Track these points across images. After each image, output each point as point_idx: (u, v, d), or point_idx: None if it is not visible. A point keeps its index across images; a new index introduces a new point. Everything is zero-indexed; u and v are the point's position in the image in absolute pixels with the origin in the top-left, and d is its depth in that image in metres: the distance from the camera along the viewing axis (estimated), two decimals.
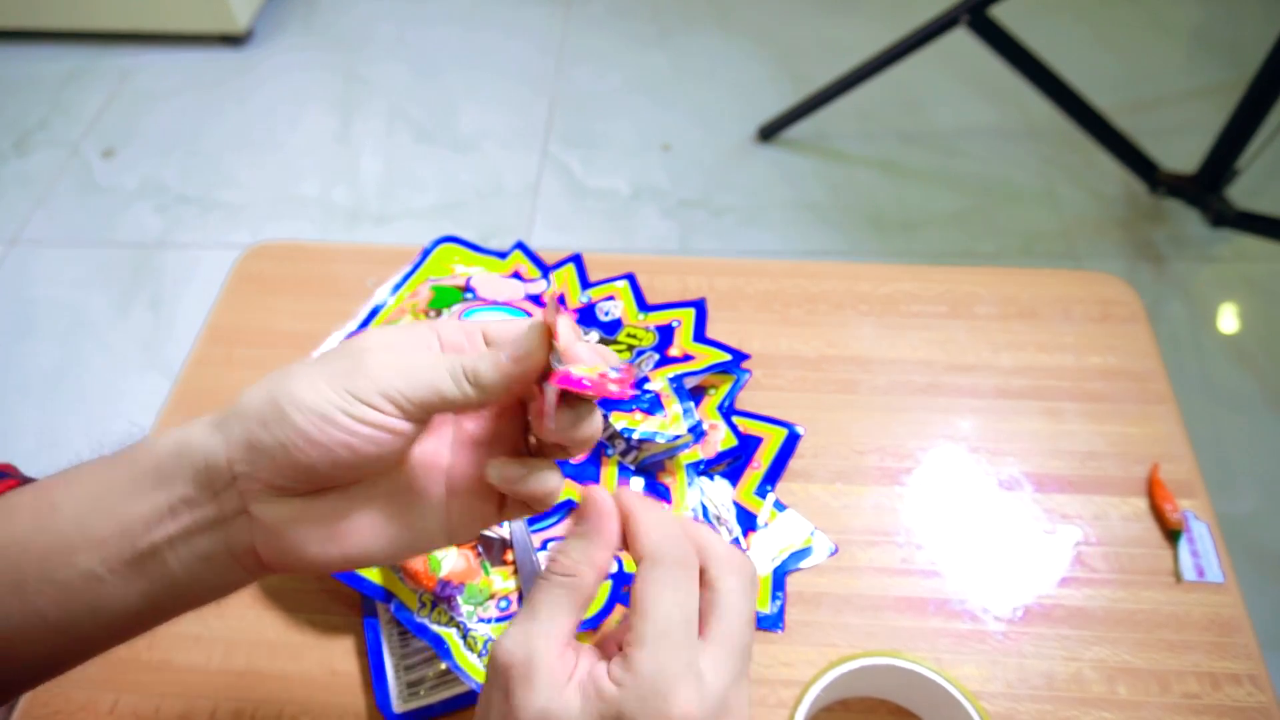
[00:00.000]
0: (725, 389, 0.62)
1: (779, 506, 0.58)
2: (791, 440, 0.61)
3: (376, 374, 0.30)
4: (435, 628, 0.50)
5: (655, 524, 0.30)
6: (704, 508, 0.56)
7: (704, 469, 0.58)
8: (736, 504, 0.57)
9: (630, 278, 0.69)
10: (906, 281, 0.70)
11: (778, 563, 0.55)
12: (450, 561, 0.51)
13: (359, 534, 0.32)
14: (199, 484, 0.31)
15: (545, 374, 0.31)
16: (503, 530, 0.53)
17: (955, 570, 0.56)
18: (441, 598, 0.50)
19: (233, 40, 2.02)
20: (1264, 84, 1.30)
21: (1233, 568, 0.55)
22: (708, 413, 0.60)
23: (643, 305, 0.67)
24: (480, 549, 0.53)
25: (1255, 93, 1.32)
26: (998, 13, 1.42)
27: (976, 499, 0.59)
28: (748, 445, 0.60)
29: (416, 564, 0.51)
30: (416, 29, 2.06)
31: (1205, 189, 1.44)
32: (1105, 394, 0.63)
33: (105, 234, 1.68)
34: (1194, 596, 0.54)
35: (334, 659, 0.53)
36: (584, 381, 0.30)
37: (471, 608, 0.50)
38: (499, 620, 0.51)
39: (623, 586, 0.53)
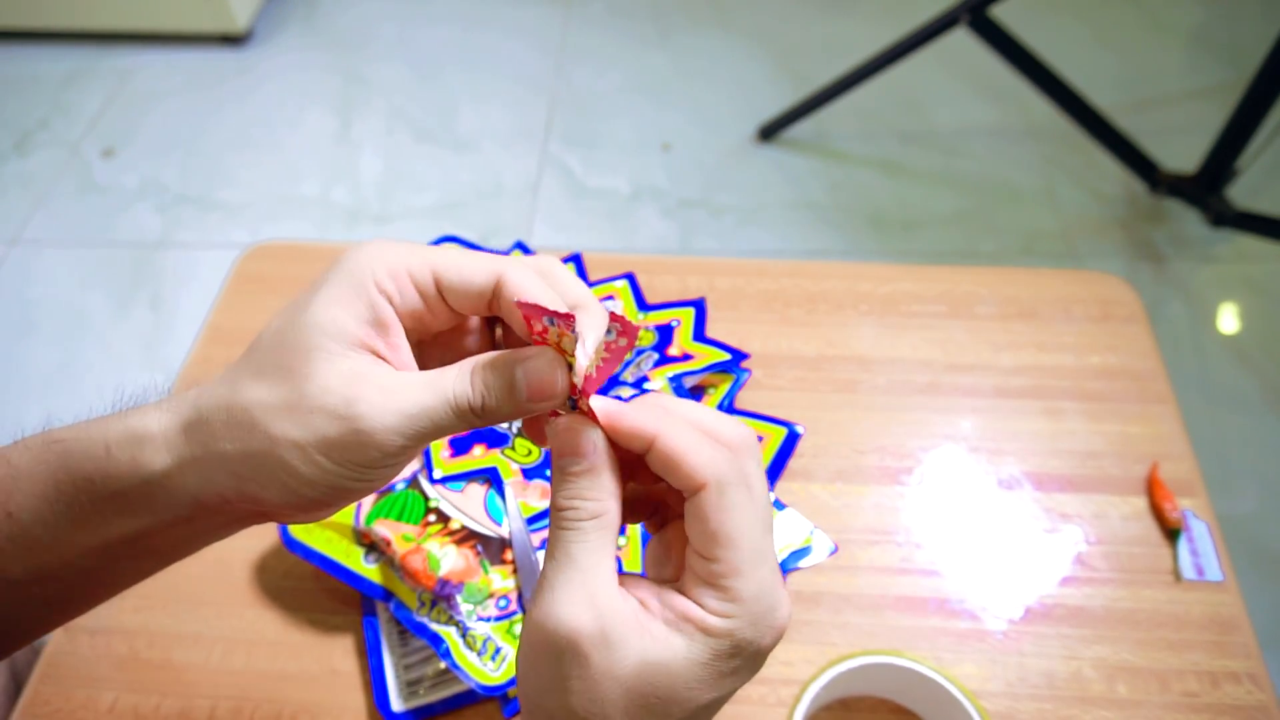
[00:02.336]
0: (725, 388, 0.62)
1: (779, 505, 0.58)
2: (791, 439, 0.61)
3: (378, 435, 0.27)
4: (435, 626, 0.50)
5: (697, 444, 0.27)
6: None
7: None
8: None
9: (630, 277, 0.69)
10: (906, 281, 0.70)
11: (777, 562, 0.55)
12: (449, 560, 0.51)
13: None
14: (163, 513, 0.30)
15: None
16: (502, 530, 0.53)
17: (955, 570, 0.56)
18: (441, 596, 0.50)
19: (233, 40, 2.02)
20: (1264, 84, 1.30)
21: (1232, 567, 0.55)
22: None
23: (643, 305, 0.67)
24: (480, 548, 0.53)
25: (1255, 93, 1.32)
26: (998, 13, 1.42)
27: (976, 499, 0.59)
28: None
29: (416, 563, 0.51)
30: (416, 29, 2.06)
31: (1205, 189, 1.44)
32: (1105, 394, 0.63)
33: (105, 234, 1.68)
34: (1193, 595, 0.54)
35: (334, 658, 0.53)
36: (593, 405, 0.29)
37: (471, 606, 0.50)
38: (498, 619, 0.51)
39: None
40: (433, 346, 0.33)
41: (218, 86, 1.95)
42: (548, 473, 0.56)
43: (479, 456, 0.56)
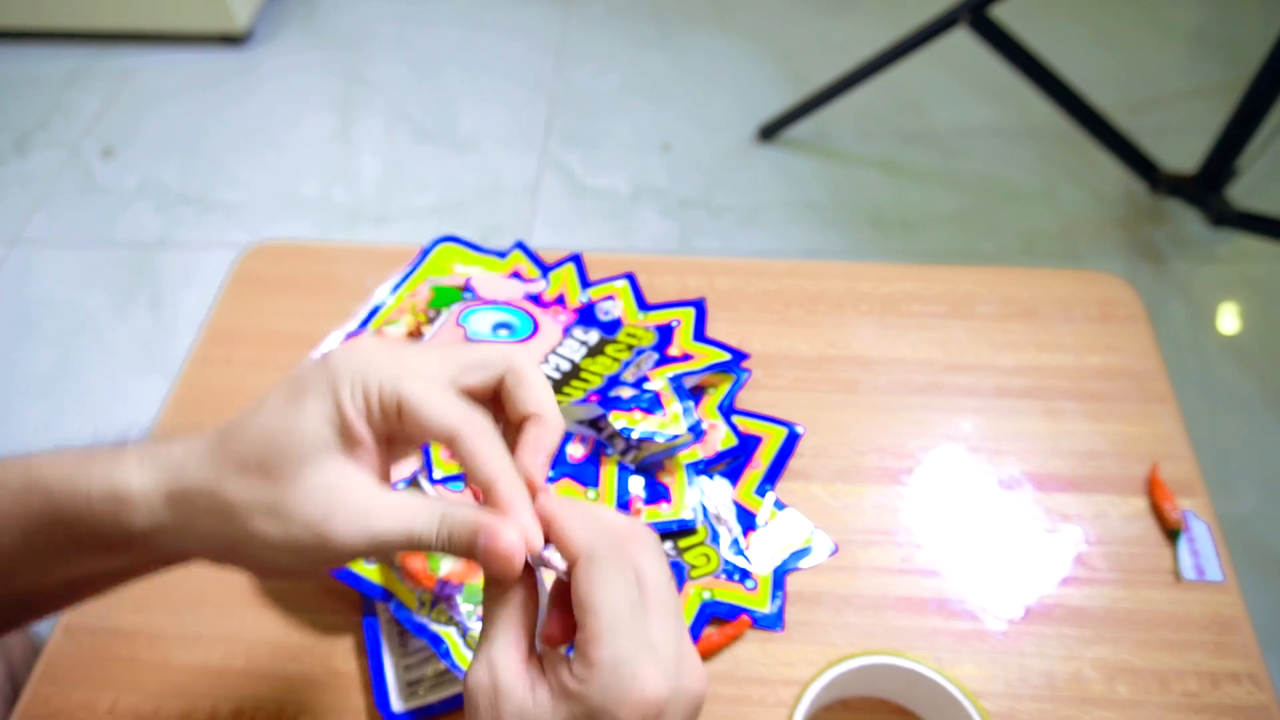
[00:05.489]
0: (725, 388, 0.62)
1: (779, 506, 0.58)
2: (791, 440, 0.61)
3: (344, 549, 0.31)
4: (434, 627, 0.50)
5: (580, 523, 0.31)
6: (703, 507, 0.56)
7: (703, 468, 0.58)
8: (736, 503, 0.57)
9: (630, 277, 0.69)
10: (906, 281, 0.70)
11: (778, 562, 0.55)
12: (449, 561, 0.51)
13: None
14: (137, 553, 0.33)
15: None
16: None
17: (955, 570, 0.56)
18: (441, 597, 0.50)
19: (233, 40, 2.02)
20: (1264, 84, 1.30)
21: (1233, 567, 0.55)
22: (707, 412, 0.60)
23: (642, 305, 0.67)
24: None
25: (1255, 93, 1.32)
26: (998, 13, 1.42)
27: (976, 499, 0.59)
28: (747, 445, 0.60)
29: (416, 564, 0.51)
30: (416, 29, 2.06)
31: (1205, 189, 1.44)
32: (1105, 394, 0.63)
33: (105, 234, 1.68)
34: (1194, 596, 0.54)
35: (334, 659, 0.53)
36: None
37: (471, 607, 0.50)
38: None
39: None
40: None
41: (218, 86, 1.95)
42: (549, 473, 0.56)
43: None
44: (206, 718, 0.51)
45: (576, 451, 0.57)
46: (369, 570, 0.53)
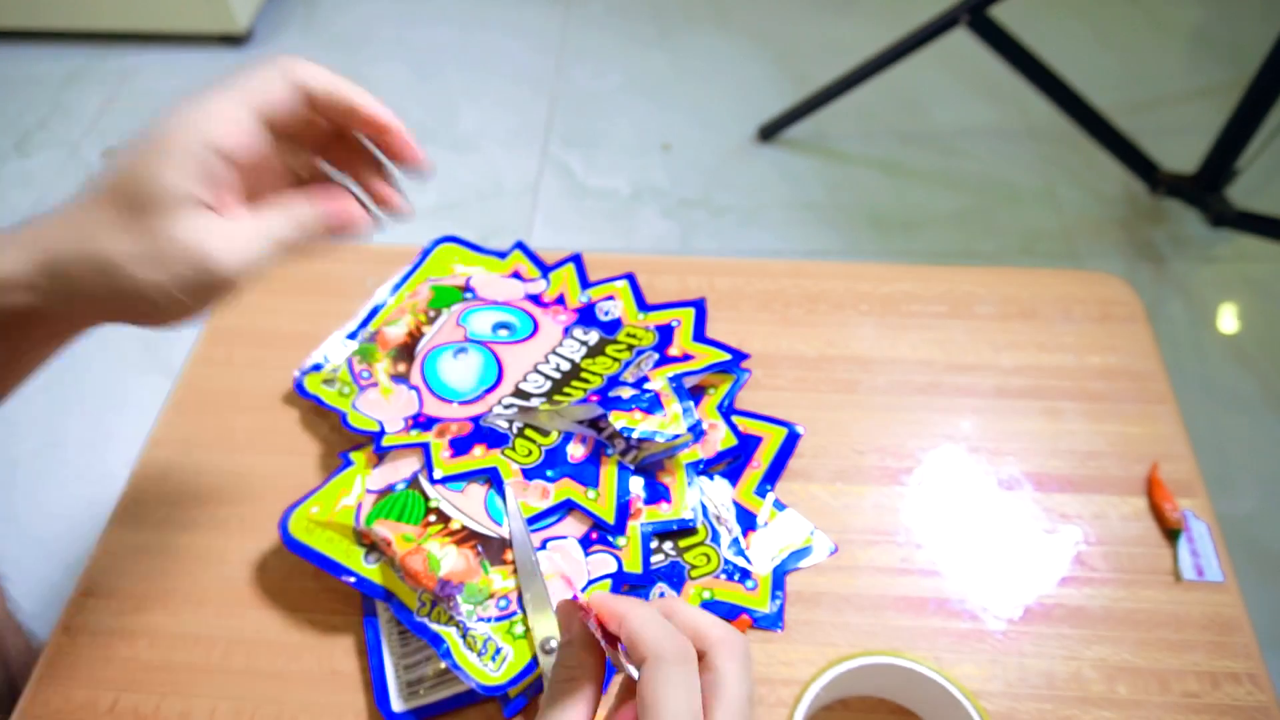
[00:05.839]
0: (725, 388, 0.62)
1: (779, 506, 0.58)
2: (791, 440, 0.61)
3: (229, 274, 0.36)
4: (435, 627, 0.50)
5: (649, 622, 0.33)
6: (703, 507, 0.56)
7: (703, 468, 0.58)
8: (736, 503, 0.57)
9: (630, 277, 0.69)
10: (906, 281, 0.70)
11: (777, 562, 0.55)
12: (450, 561, 0.51)
13: None
14: None
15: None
16: (502, 530, 0.53)
17: (955, 570, 0.56)
18: (441, 597, 0.50)
19: (233, 40, 2.02)
20: (1264, 84, 1.30)
21: (1232, 567, 0.55)
22: (707, 412, 0.60)
23: (642, 305, 0.67)
24: (480, 548, 0.53)
25: (1255, 93, 1.32)
26: (998, 13, 1.42)
27: (976, 499, 0.59)
28: (747, 445, 0.60)
29: (416, 564, 0.51)
30: (416, 29, 2.06)
31: (1205, 189, 1.44)
32: (1105, 394, 0.63)
33: None
34: (1194, 596, 0.54)
35: (334, 658, 0.53)
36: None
37: (471, 607, 0.50)
38: (498, 619, 0.51)
39: (623, 585, 0.53)
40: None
41: None
42: (549, 473, 0.56)
43: (479, 457, 0.56)
44: (206, 717, 0.51)
45: (576, 451, 0.57)
46: (369, 570, 0.53)
